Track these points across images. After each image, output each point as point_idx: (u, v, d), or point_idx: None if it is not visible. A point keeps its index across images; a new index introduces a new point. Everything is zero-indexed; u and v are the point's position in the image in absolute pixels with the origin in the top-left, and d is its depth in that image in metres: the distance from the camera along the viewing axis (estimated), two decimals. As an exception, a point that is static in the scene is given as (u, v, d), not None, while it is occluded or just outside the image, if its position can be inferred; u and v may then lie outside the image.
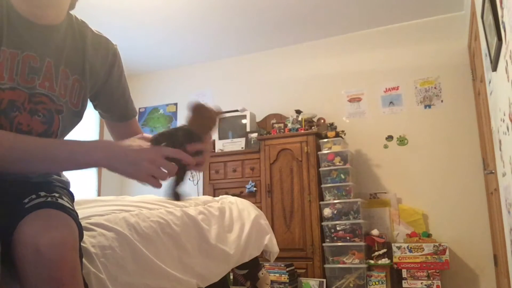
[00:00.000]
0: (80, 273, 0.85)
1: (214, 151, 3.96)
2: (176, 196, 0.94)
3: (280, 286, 3.20)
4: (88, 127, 4.47)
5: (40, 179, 1.00)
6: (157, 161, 0.86)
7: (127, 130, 1.20)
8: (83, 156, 0.86)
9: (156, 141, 0.92)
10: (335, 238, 3.33)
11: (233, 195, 2.91)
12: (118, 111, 1.19)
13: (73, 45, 1.03)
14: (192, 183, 4.41)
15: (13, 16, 0.92)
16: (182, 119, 4.75)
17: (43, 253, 0.76)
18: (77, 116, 1.07)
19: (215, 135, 4.14)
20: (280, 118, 4.06)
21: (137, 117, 1.26)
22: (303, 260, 3.40)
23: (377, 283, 3.18)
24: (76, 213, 0.95)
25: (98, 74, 1.09)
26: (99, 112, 1.21)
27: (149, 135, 1.08)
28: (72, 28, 1.04)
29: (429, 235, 3.36)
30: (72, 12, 1.07)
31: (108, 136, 4.56)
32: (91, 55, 1.06)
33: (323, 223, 3.38)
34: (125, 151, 0.87)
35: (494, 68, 2.09)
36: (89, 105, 1.14)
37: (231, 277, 2.45)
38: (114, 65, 1.12)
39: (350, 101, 4.01)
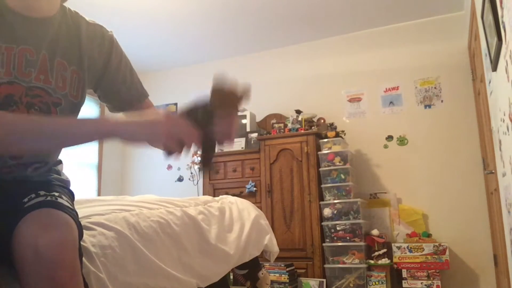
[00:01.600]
0: (79, 272, 0.85)
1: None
2: (207, 165, 0.93)
3: (280, 286, 3.20)
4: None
5: (40, 178, 1.00)
6: (183, 127, 0.86)
7: None
8: (107, 128, 0.85)
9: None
10: (335, 238, 3.33)
11: (233, 195, 2.91)
12: (122, 98, 1.16)
13: (68, 36, 1.03)
14: (192, 183, 4.41)
15: (6, 11, 0.92)
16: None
17: (42, 253, 0.76)
18: (77, 108, 1.06)
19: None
20: (280, 118, 4.06)
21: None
22: (303, 260, 3.40)
23: (377, 283, 3.18)
24: (76, 212, 0.95)
25: (96, 63, 1.08)
26: (106, 106, 1.18)
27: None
28: (66, 19, 1.04)
29: (429, 235, 3.36)
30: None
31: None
32: (87, 44, 1.05)
33: (323, 223, 3.38)
34: (143, 125, 0.85)
35: (494, 68, 2.09)
36: (88, 101, 1.13)
37: (231, 277, 2.45)
38: (111, 52, 1.11)
39: (350, 101, 4.01)
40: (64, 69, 1.01)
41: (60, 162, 1.11)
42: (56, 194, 0.90)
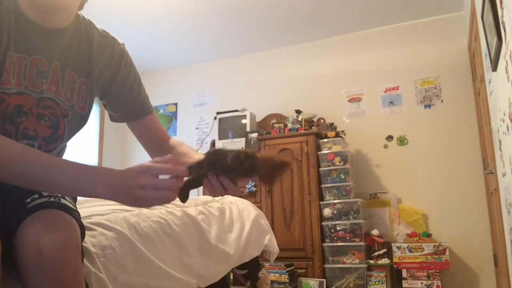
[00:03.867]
0: (82, 273, 0.85)
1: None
2: (184, 195, 0.89)
3: (280, 286, 3.20)
4: (89, 126, 4.47)
5: None
6: (148, 184, 0.78)
7: (144, 129, 1.18)
8: (87, 188, 0.79)
9: (194, 168, 0.86)
10: (335, 238, 3.33)
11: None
12: (126, 109, 1.15)
13: (79, 47, 1.02)
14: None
15: (21, 21, 0.91)
16: (181, 119, 4.75)
17: (45, 254, 0.76)
18: (83, 119, 1.06)
19: (215, 135, 4.14)
20: (280, 118, 4.06)
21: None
22: (303, 260, 3.40)
23: (377, 283, 3.18)
24: (79, 213, 0.95)
25: (104, 74, 1.07)
26: (109, 115, 1.18)
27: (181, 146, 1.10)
28: (79, 30, 1.03)
29: (429, 235, 3.36)
30: None
31: (108, 135, 4.53)
32: (97, 56, 1.05)
33: (323, 223, 3.38)
34: (122, 182, 0.78)
35: (494, 68, 2.10)
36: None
37: (231, 277, 2.45)
38: (120, 65, 1.10)
39: (350, 101, 4.01)
40: (73, 81, 1.00)
41: None
42: (59, 194, 0.90)
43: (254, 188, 3.67)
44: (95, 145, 4.60)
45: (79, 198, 1.11)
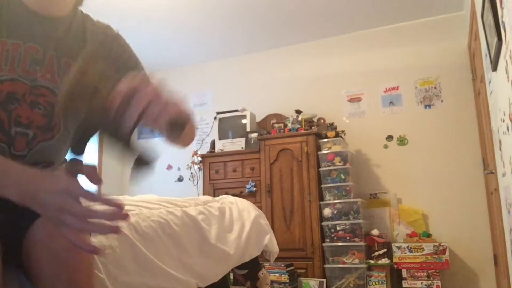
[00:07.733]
0: (94, 275, 0.84)
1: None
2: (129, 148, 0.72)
3: (280, 286, 3.20)
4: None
5: None
6: (65, 208, 0.69)
7: None
8: None
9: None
10: (335, 238, 3.33)
11: (233, 195, 2.91)
12: None
13: (75, 36, 1.02)
14: (192, 183, 4.41)
15: (16, 6, 0.91)
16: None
17: (60, 256, 0.75)
18: None
19: (215, 135, 4.14)
20: (280, 118, 4.06)
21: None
22: (303, 260, 3.40)
23: (377, 283, 3.18)
24: None
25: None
26: None
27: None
28: (76, 21, 1.03)
29: (429, 235, 3.36)
30: None
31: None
32: (90, 43, 1.05)
33: (323, 223, 3.38)
34: (36, 190, 0.69)
35: (494, 68, 2.10)
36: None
37: (231, 277, 2.45)
38: (112, 46, 1.09)
39: (350, 101, 4.01)
40: (69, 69, 1.00)
41: (65, 161, 1.10)
42: None
43: (254, 188, 3.67)
44: (94, 144, 4.60)
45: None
